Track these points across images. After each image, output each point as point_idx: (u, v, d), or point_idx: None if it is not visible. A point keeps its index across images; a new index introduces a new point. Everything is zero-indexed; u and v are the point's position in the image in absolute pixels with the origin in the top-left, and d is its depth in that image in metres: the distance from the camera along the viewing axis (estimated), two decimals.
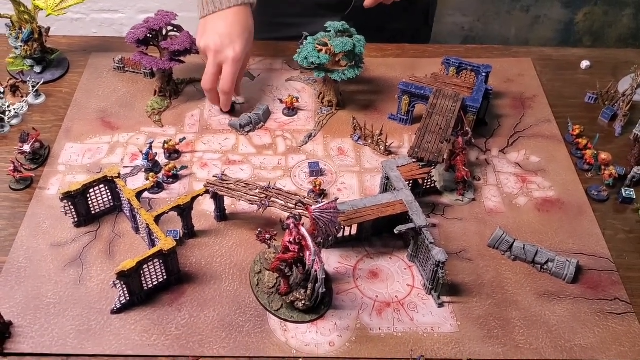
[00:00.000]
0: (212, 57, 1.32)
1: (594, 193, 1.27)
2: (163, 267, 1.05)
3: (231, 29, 1.32)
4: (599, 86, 1.50)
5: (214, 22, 1.33)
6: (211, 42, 1.31)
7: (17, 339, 1.00)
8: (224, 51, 1.31)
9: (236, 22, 1.33)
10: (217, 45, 1.31)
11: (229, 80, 1.32)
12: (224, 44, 1.31)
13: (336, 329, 1.04)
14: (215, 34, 1.32)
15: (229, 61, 1.31)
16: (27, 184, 1.24)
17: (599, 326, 1.06)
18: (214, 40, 1.31)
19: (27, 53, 1.45)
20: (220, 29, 1.32)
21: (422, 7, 1.73)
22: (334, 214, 1.00)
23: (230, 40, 1.31)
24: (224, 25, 1.32)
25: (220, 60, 1.32)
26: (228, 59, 1.31)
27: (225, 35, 1.31)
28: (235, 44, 1.31)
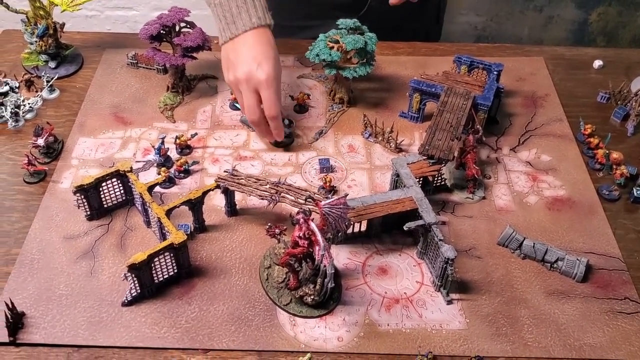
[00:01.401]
0: (246, 87, 1.22)
1: (605, 192, 1.27)
2: (174, 260, 1.06)
3: (255, 51, 1.23)
4: (612, 86, 1.49)
5: (235, 50, 1.25)
6: (239, 73, 1.22)
7: (30, 329, 1.01)
8: (254, 76, 1.21)
9: (259, 43, 1.24)
10: (246, 73, 1.21)
11: (273, 103, 1.22)
12: (252, 69, 1.21)
13: (345, 324, 1.04)
14: (240, 62, 1.22)
15: (263, 84, 1.21)
16: (40, 177, 1.25)
17: (609, 325, 1.06)
18: (241, 70, 1.22)
19: (42, 48, 1.47)
20: (244, 55, 1.23)
21: (434, 5, 1.73)
22: (343, 209, 1.01)
23: (257, 63, 1.21)
24: (246, 49, 1.23)
25: (253, 86, 1.22)
26: (262, 83, 1.21)
27: (252, 60, 1.22)
28: (263, 65, 1.21)
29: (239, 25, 1.24)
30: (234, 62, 1.24)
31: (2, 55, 1.54)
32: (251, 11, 1.25)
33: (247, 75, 1.21)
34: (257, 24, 1.25)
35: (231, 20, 1.25)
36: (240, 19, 1.24)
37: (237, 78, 1.23)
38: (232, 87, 1.28)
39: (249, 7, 1.25)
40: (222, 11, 1.26)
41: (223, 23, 1.26)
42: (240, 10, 1.24)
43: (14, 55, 1.54)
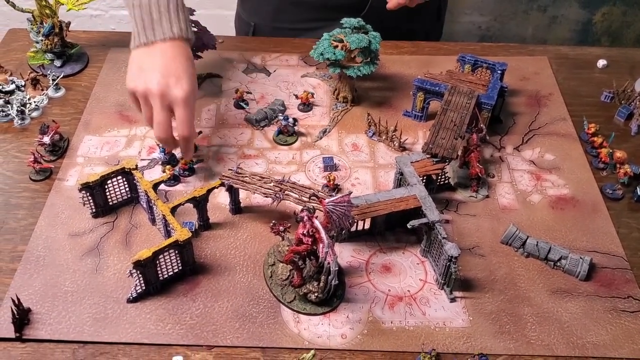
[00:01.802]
0: (159, 102, 1.09)
1: (609, 191, 1.27)
2: (178, 257, 1.07)
3: (174, 64, 1.11)
4: (616, 85, 1.50)
5: (150, 58, 1.12)
6: (153, 84, 1.09)
7: (36, 325, 1.02)
8: (171, 92, 1.09)
9: (178, 56, 1.12)
10: (161, 88, 1.09)
11: (188, 124, 1.11)
12: (169, 84, 1.09)
13: (348, 322, 1.05)
14: (154, 72, 1.10)
15: (180, 102, 1.09)
16: (46, 175, 1.26)
17: (612, 324, 1.06)
18: (155, 81, 1.09)
19: (47, 47, 1.47)
20: (159, 65, 1.10)
21: (434, 4, 1.73)
22: (347, 207, 1.01)
23: (176, 78, 1.10)
24: (164, 61, 1.11)
25: (168, 102, 1.10)
26: (178, 100, 1.09)
27: (169, 74, 1.10)
28: (182, 82, 1.10)
29: (158, 32, 1.13)
30: (148, 71, 1.11)
31: (8, 54, 1.55)
32: (173, 20, 1.14)
33: (162, 89, 1.09)
34: (177, 34, 1.14)
35: (149, 25, 1.13)
36: (160, 26, 1.13)
37: (149, 90, 1.10)
38: (136, 95, 1.13)
39: (171, 16, 1.14)
40: (140, 13, 1.14)
41: (139, 26, 1.14)
42: (162, 17, 1.14)
43: (20, 54, 1.54)
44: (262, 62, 1.56)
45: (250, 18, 1.70)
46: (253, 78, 1.51)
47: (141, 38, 1.14)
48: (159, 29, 1.13)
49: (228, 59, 1.56)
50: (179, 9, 1.16)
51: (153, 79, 1.09)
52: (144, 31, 1.14)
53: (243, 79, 1.51)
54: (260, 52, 1.59)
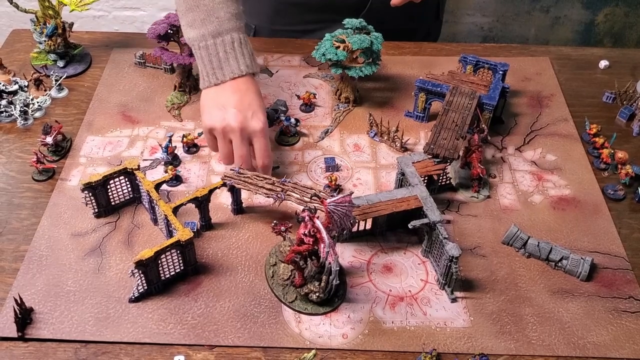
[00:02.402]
0: (239, 135, 1.16)
1: (610, 192, 1.27)
2: (180, 257, 1.07)
3: (248, 99, 1.17)
4: (617, 86, 1.50)
5: (223, 97, 1.18)
6: (231, 120, 1.15)
7: (38, 324, 1.02)
8: (249, 125, 1.16)
9: (250, 91, 1.19)
10: (239, 121, 1.15)
11: (267, 154, 1.18)
12: (247, 117, 1.16)
13: (349, 322, 1.05)
14: (230, 109, 1.16)
15: (258, 134, 1.16)
16: (49, 175, 1.26)
17: (613, 324, 1.06)
18: (233, 117, 1.15)
19: (50, 48, 1.48)
20: (234, 102, 1.17)
21: (433, 3, 1.74)
22: (348, 207, 1.01)
23: (251, 111, 1.16)
24: (237, 97, 1.17)
25: (247, 135, 1.17)
26: (257, 132, 1.16)
27: (244, 108, 1.16)
28: (257, 114, 1.17)
29: (227, 71, 1.19)
30: (224, 107, 1.17)
31: (11, 55, 1.55)
32: (239, 58, 1.20)
33: (241, 124, 1.15)
34: (245, 71, 1.19)
35: (218, 66, 1.19)
36: (228, 65, 1.19)
37: (229, 126, 1.16)
38: (214, 133, 1.19)
39: (237, 54, 1.20)
40: (207, 55, 1.20)
41: (208, 67, 1.20)
42: (229, 56, 1.19)
43: (23, 55, 1.55)
44: (264, 63, 1.56)
45: (251, 20, 1.71)
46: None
47: (211, 79, 1.20)
48: (228, 68, 1.19)
49: None
50: (242, 45, 1.21)
51: (231, 116, 1.15)
52: (214, 72, 1.19)
53: None
54: (263, 52, 1.59)
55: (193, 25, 1.21)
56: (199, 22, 1.20)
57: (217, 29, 1.19)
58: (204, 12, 1.20)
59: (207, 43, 1.19)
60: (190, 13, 1.21)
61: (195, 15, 1.21)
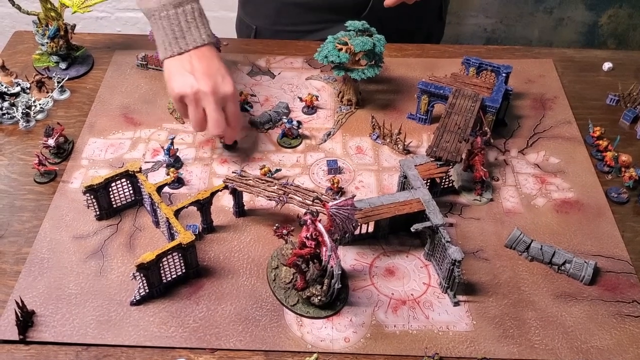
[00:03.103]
0: (212, 99, 1.17)
1: (614, 195, 1.27)
2: (182, 260, 1.07)
3: (213, 65, 1.20)
4: (621, 88, 1.49)
5: (189, 64, 1.19)
6: (202, 85, 1.17)
7: (39, 327, 1.02)
8: (221, 89, 1.18)
9: (214, 58, 1.22)
10: (210, 86, 1.17)
11: (238, 116, 1.23)
12: (218, 82, 1.18)
13: (351, 325, 1.05)
14: (200, 74, 1.18)
15: (230, 97, 1.20)
16: (51, 177, 1.26)
17: (616, 328, 1.06)
18: (204, 82, 1.17)
19: (53, 50, 1.48)
20: (203, 67, 1.19)
21: (436, 4, 1.73)
22: (351, 210, 1.01)
23: (221, 76, 1.19)
24: (205, 63, 1.19)
25: (220, 99, 1.19)
26: (229, 95, 1.19)
27: (214, 74, 1.18)
28: (227, 78, 1.20)
29: (189, 40, 1.21)
30: (194, 74, 1.18)
31: (13, 56, 1.55)
32: (200, 27, 1.22)
33: (213, 87, 1.17)
34: (207, 40, 1.22)
35: (180, 35, 1.20)
36: (190, 34, 1.21)
37: (200, 91, 1.17)
38: (185, 100, 1.19)
39: (198, 23, 1.22)
40: (169, 24, 1.21)
41: (171, 37, 1.21)
42: (190, 26, 1.21)
43: (25, 57, 1.55)
44: (266, 65, 1.56)
45: (252, 21, 1.70)
46: (257, 80, 1.52)
47: (174, 49, 1.20)
48: (190, 37, 1.21)
49: (232, 61, 1.56)
50: (202, 16, 1.23)
51: (202, 81, 1.17)
52: (176, 41, 1.20)
53: (247, 81, 1.51)
54: (265, 54, 1.59)
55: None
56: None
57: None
58: None
59: (169, 13, 1.20)
60: None
61: None
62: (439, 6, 1.75)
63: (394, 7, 1.35)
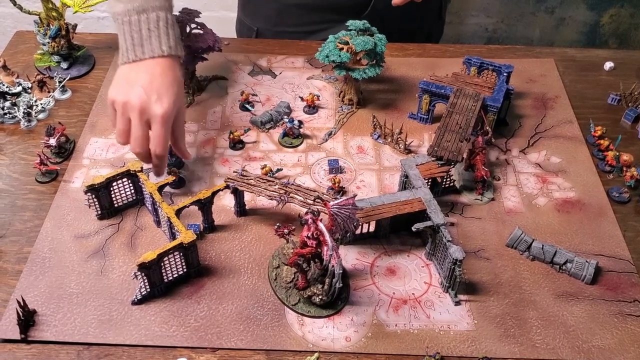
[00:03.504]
0: (137, 116, 1.08)
1: (615, 194, 1.26)
2: (183, 259, 1.07)
3: (158, 81, 1.10)
4: (623, 87, 1.49)
5: (135, 73, 1.12)
6: (133, 97, 1.08)
7: (41, 327, 1.02)
8: (150, 108, 1.08)
9: (163, 74, 1.12)
10: (142, 101, 1.08)
11: (161, 142, 1.09)
12: (150, 100, 1.08)
13: (352, 325, 1.05)
14: (137, 86, 1.09)
15: (157, 119, 1.08)
16: (52, 176, 1.26)
17: (618, 328, 1.06)
18: (137, 95, 1.08)
19: (54, 49, 1.48)
20: (143, 81, 1.10)
21: (436, 3, 1.73)
22: (352, 210, 1.01)
23: (157, 94, 1.08)
24: (148, 77, 1.10)
25: (146, 118, 1.09)
26: (157, 117, 1.08)
27: (151, 89, 1.09)
28: (163, 99, 1.08)
29: (147, 49, 1.13)
30: (132, 84, 1.10)
31: (15, 56, 1.55)
32: (162, 38, 1.14)
33: (142, 104, 1.08)
34: (166, 52, 1.13)
35: (139, 42, 1.13)
36: (149, 44, 1.13)
37: (129, 103, 1.09)
38: (115, 106, 1.12)
39: (160, 33, 1.14)
40: (129, 30, 1.13)
41: (129, 43, 1.14)
42: (151, 34, 1.13)
43: (27, 56, 1.55)
44: (267, 64, 1.56)
45: (253, 23, 1.70)
46: (259, 80, 1.52)
47: (129, 55, 1.13)
48: (148, 46, 1.13)
49: (234, 61, 1.56)
50: (168, 26, 1.15)
51: (135, 93, 1.09)
52: (133, 48, 1.13)
53: (249, 81, 1.51)
54: (266, 54, 1.59)
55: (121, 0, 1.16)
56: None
57: (143, 5, 1.14)
58: None
59: (131, 18, 1.13)
60: None
61: None
62: (439, 5, 1.75)
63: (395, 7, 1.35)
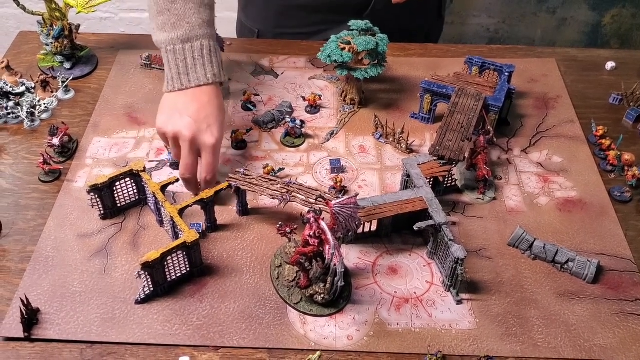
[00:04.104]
0: (188, 145, 1.13)
1: (617, 194, 1.27)
2: (186, 259, 1.08)
3: (206, 111, 1.15)
4: (624, 87, 1.49)
5: (182, 102, 1.16)
6: (185, 128, 1.12)
7: (44, 325, 1.03)
8: (201, 137, 1.13)
9: (210, 103, 1.16)
10: (193, 131, 1.12)
11: (213, 169, 1.15)
12: (201, 129, 1.13)
13: (354, 323, 1.05)
14: (187, 117, 1.13)
15: (208, 148, 1.13)
16: (55, 176, 1.27)
17: (619, 327, 1.06)
18: (187, 126, 1.12)
19: (57, 50, 1.49)
20: (192, 110, 1.14)
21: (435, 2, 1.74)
22: (353, 209, 1.02)
23: (207, 124, 1.14)
24: (196, 107, 1.15)
25: (197, 147, 1.14)
26: (207, 146, 1.13)
27: (201, 119, 1.14)
28: (212, 129, 1.14)
29: (192, 78, 1.17)
30: (181, 113, 1.14)
31: (18, 56, 1.56)
32: (207, 66, 1.18)
33: (194, 134, 1.13)
34: (211, 80, 1.17)
35: (184, 71, 1.17)
36: (194, 72, 1.17)
37: (180, 133, 1.13)
38: (166, 135, 1.16)
39: (205, 62, 1.18)
40: (174, 59, 1.17)
41: (174, 72, 1.17)
42: (196, 63, 1.17)
43: (30, 57, 1.56)
44: (269, 64, 1.57)
45: (254, 25, 1.71)
46: (261, 80, 1.52)
47: (175, 84, 1.17)
48: (194, 74, 1.17)
49: (236, 61, 1.57)
50: (212, 54, 1.19)
51: (185, 124, 1.13)
52: (179, 77, 1.17)
53: (251, 81, 1.52)
54: (268, 54, 1.59)
55: (164, 28, 1.18)
56: (169, 26, 1.18)
57: (187, 34, 1.17)
58: (175, 16, 1.18)
59: (176, 47, 1.17)
60: (162, 16, 1.18)
61: (166, 18, 1.18)
62: (439, 4, 1.75)
63: (396, 6, 1.35)
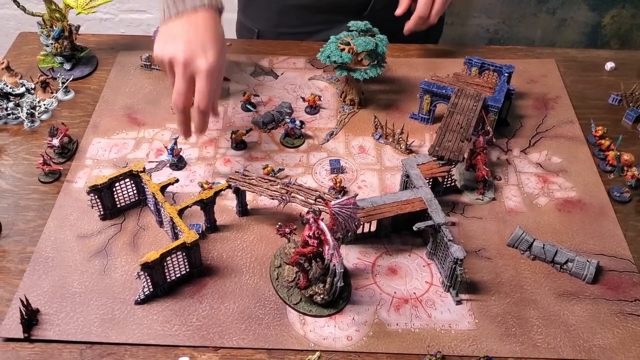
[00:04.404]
0: (182, 70, 1.09)
1: (616, 194, 1.27)
2: (185, 259, 1.08)
3: (202, 35, 1.11)
4: (624, 88, 1.49)
5: (179, 28, 1.13)
6: (178, 52, 1.09)
7: (44, 326, 1.03)
8: (195, 61, 1.09)
9: (207, 29, 1.12)
10: (186, 55, 1.08)
11: (206, 96, 1.10)
12: (195, 53, 1.09)
13: (354, 324, 1.05)
14: (181, 41, 1.10)
15: (202, 73, 1.09)
16: (55, 177, 1.27)
17: (619, 327, 1.06)
18: (181, 49, 1.09)
19: (57, 50, 1.49)
20: (188, 35, 1.11)
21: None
22: (353, 209, 1.02)
23: (202, 48, 1.09)
24: (192, 31, 1.11)
25: (191, 72, 1.10)
26: (201, 71, 1.09)
27: (196, 43, 1.10)
28: (207, 53, 1.09)
29: (188, 2, 1.13)
30: (177, 39, 1.11)
31: (18, 57, 1.56)
32: None
33: (187, 58, 1.09)
34: (208, 3, 1.14)
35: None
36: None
37: (175, 58, 1.10)
38: (162, 62, 1.13)
39: None
40: None
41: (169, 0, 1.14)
42: None
43: (30, 57, 1.56)
44: (269, 65, 1.57)
45: (254, 25, 1.71)
46: (260, 81, 1.52)
47: (172, 10, 1.14)
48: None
49: (235, 62, 1.57)
50: None
51: (180, 49, 1.09)
52: (174, 3, 1.13)
53: (250, 81, 1.52)
54: (268, 54, 1.59)
55: None
56: None
57: None
58: None
59: None
60: None
61: None
62: None
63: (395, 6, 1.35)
